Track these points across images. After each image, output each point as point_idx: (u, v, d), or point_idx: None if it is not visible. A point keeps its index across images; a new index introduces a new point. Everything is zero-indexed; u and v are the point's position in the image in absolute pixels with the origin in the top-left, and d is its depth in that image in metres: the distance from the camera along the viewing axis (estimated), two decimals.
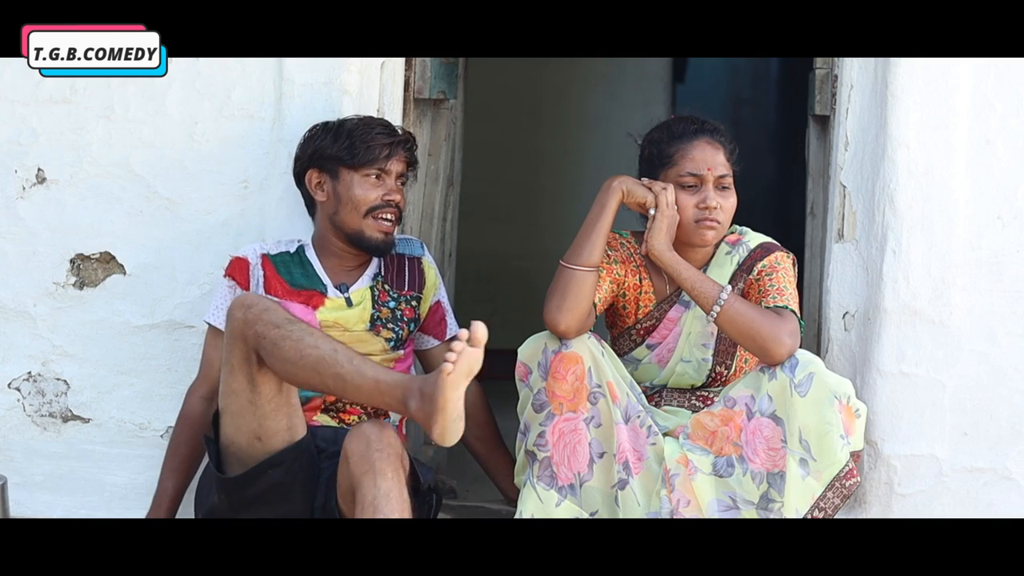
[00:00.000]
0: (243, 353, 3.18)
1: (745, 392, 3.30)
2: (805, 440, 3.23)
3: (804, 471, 3.24)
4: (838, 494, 3.25)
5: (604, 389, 3.32)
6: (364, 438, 3.11)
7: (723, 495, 3.28)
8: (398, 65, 3.78)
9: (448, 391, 3.00)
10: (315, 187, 3.50)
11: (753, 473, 3.26)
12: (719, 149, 3.41)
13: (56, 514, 3.74)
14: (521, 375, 3.38)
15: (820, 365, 3.27)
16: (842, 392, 3.24)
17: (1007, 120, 3.65)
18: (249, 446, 3.24)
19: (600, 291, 3.40)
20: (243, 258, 3.54)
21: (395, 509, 3.03)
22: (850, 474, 3.25)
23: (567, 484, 3.33)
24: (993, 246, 3.66)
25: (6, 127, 3.77)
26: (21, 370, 3.82)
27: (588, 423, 3.32)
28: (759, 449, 3.26)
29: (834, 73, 3.77)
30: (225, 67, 3.72)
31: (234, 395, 3.22)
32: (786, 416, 3.24)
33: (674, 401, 3.46)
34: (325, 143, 3.47)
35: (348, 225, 3.48)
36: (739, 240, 3.48)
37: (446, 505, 3.78)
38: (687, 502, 3.28)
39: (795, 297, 3.39)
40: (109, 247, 3.78)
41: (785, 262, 3.43)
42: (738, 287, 3.43)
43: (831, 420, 3.22)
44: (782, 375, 3.26)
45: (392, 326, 3.52)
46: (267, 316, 3.17)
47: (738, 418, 3.29)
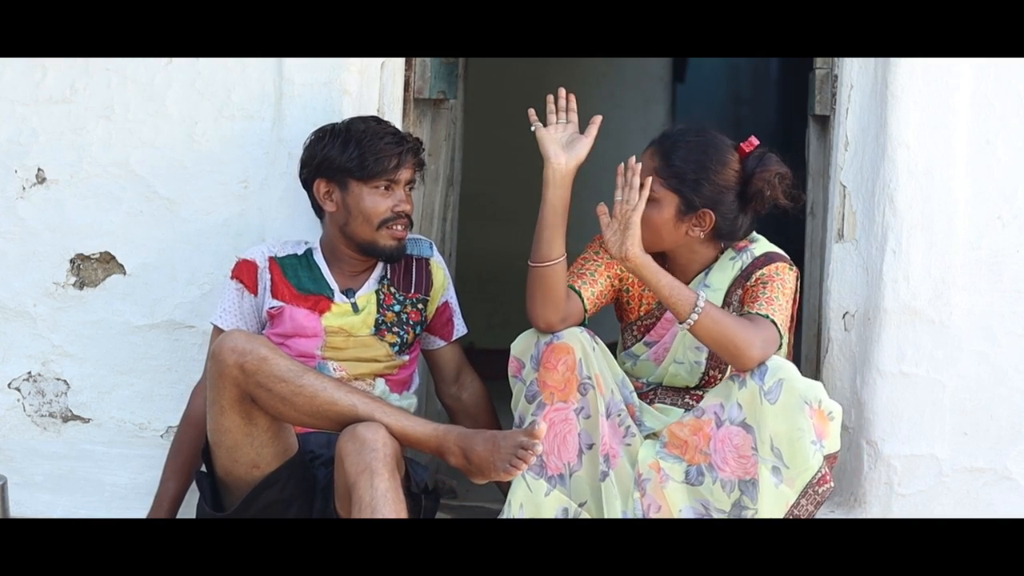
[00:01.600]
0: (235, 395, 3.15)
1: (714, 401, 3.30)
2: (777, 447, 3.22)
3: (777, 479, 3.23)
4: (811, 501, 3.24)
5: (592, 381, 3.33)
6: (358, 440, 3.09)
7: (695, 503, 3.28)
8: (398, 65, 3.78)
9: (503, 478, 3.14)
10: (324, 196, 3.47)
11: (723, 481, 3.25)
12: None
13: (56, 514, 3.74)
14: (514, 370, 3.39)
15: (790, 371, 3.25)
16: (812, 397, 3.22)
17: (1007, 120, 3.65)
18: (247, 475, 3.24)
19: (590, 288, 3.41)
20: (251, 261, 3.53)
21: (392, 510, 3.02)
22: (823, 480, 3.24)
23: (557, 474, 3.33)
24: (993, 246, 3.66)
25: (6, 127, 3.77)
26: (21, 370, 3.82)
27: (578, 414, 3.33)
28: (728, 457, 3.25)
29: (834, 73, 3.77)
30: (225, 67, 3.72)
31: (227, 432, 3.20)
32: (756, 424, 3.23)
33: (668, 400, 3.46)
34: (333, 153, 3.43)
35: (360, 236, 3.47)
36: (746, 247, 3.47)
37: (446, 505, 3.77)
38: (658, 507, 3.28)
39: (784, 310, 3.35)
40: (109, 247, 3.78)
41: (785, 274, 3.40)
42: (736, 293, 3.42)
43: (802, 426, 3.20)
44: (751, 383, 3.25)
45: (397, 330, 3.51)
46: (267, 368, 3.13)
47: (707, 427, 3.28)
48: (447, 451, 3.16)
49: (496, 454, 3.10)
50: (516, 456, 3.08)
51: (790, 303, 3.39)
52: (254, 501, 3.24)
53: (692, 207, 3.37)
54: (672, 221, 3.38)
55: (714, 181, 3.37)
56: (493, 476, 3.13)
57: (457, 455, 3.15)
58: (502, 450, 3.10)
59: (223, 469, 3.26)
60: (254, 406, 3.16)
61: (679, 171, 3.37)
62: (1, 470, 3.52)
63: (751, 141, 3.43)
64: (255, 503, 3.24)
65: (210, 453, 3.28)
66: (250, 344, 3.15)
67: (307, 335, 3.45)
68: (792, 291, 3.40)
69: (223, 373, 3.14)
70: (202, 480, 3.33)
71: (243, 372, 3.12)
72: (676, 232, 3.40)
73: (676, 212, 3.38)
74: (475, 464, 3.12)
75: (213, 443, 3.24)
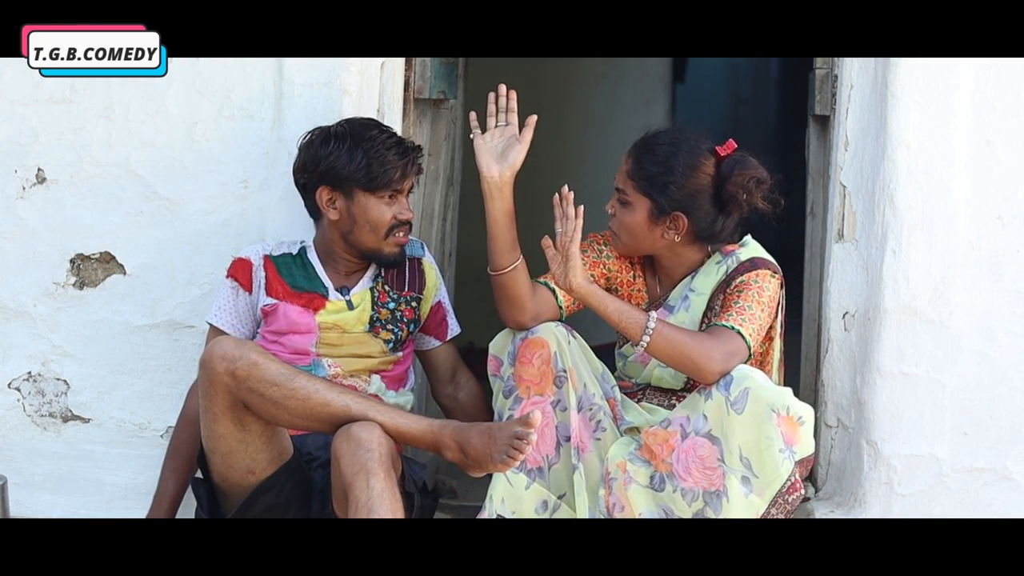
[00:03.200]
0: (228, 402, 3.15)
1: (681, 414, 3.31)
2: (746, 457, 3.21)
3: (747, 488, 3.22)
4: (781, 510, 3.23)
5: (567, 374, 3.34)
6: (353, 440, 3.09)
7: (657, 508, 3.28)
8: (398, 65, 3.78)
9: (500, 469, 3.14)
10: (327, 204, 3.47)
11: (683, 490, 3.25)
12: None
13: (56, 514, 3.74)
14: (492, 369, 3.42)
15: (757, 379, 3.23)
16: (780, 404, 3.20)
17: (1007, 120, 3.65)
18: (243, 480, 3.24)
19: None
20: (246, 259, 3.53)
21: (389, 509, 3.02)
22: (792, 488, 3.23)
23: (536, 467, 3.35)
24: (993, 246, 3.66)
25: (6, 127, 3.77)
26: (21, 370, 3.82)
27: (555, 406, 3.34)
28: (692, 468, 3.25)
29: (834, 73, 3.77)
30: (225, 67, 3.72)
31: (221, 439, 3.20)
32: (723, 435, 3.23)
33: (655, 400, 3.47)
34: (340, 161, 3.43)
35: (364, 244, 3.47)
36: (733, 251, 3.46)
37: (445, 505, 3.77)
38: (621, 507, 3.28)
39: (756, 319, 3.33)
40: (109, 247, 3.78)
41: (765, 281, 3.38)
42: (719, 298, 3.41)
43: (770, 435, 3.19)
44: (717, 394, 3.24)
45: (391, 327, 3.52)
46: (258, 373, 3.12)
47: (671, 439, 3.28)
48: (443, 446, 3.16)
49: (492, 446, 3.11)
50: (512, 447, 3.08)
51: (765, 311, 3.36)
52: (251, 507, 3.24)
53: (663, 211, 3.38)
54: (645, 224, 3.40)
55: (682, 184, 3.37)
56: (491, 468, 3.13)
57: (453, 449, 3.15)
58: (498, 441, 3.11)
59: (219, 475, 3.26)
60: (247, 412, 3.16)
61: (648, 174, 3.39)
62: (1, 470, 3.52)
63: (729, 144, 3.43)
64: (252, 508, 3.24)
65: (206, 460, 3.28)
66: (240, 350, 3.14)
67: (301, 331, 3.46)
68: (771, 298, 3.38)
69: (214, 380, 3.13)
70: (198, 487, 3.32)
71: (234, 378, 3.12)
72: (652, 235, 3.41)
73: (648, 215, 3.40)
74: (472, 457, 3.13)
75: (208, 450, 3.24)
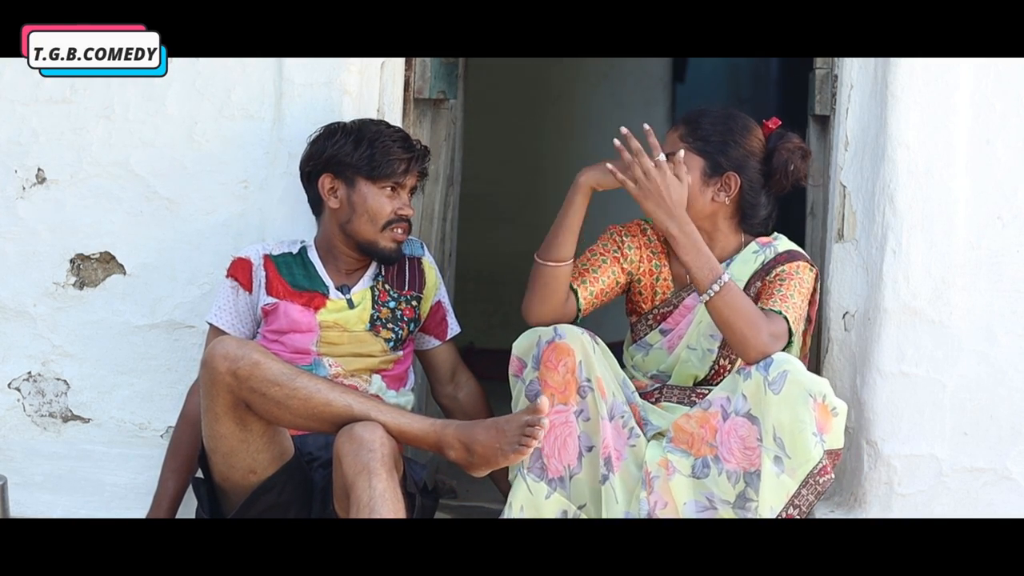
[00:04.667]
0: (229, 402, 3.15)
1: (721, 394, 3.31)
2: (779, 437, 3.23)
3: (779, 468, 3.23)
4: (812, 491, 3.25)
5: (593, 384, 3.33)
6: (356, 440, 3.08)
7: (700, 496, 3.28)
8: (398, 65, 3.78)
9: (512, 461, 3.14)
10: (328, 192, 3.48)
11: (728, 472, 3.26)
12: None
13: (56, 514, 3.74)
14: (515, 370, 3.39)
15: (796, 365, 3.26)
16: (817, 391, 3.23)
17: (1007, 120, 3.65)
18: (244, 480, 3.24)
19: (589, 287, 3.43)
20: (246, 259, 3.53)
21: (391, 510, 3.02)
22: (824, 471, 3.24)
23: (557, 477, 3.33)
24: (993, 246, 3.66)
25: (6, 127, 3.77)
26: (21, 370, 3.82)
27: (578, 416, 3.33)
28: (734, 448, 3.26)
29: (834, 73, 3.77)
30: (225, 67, 3.72)
31: (222, 439, 3.20)
32: (760, 414, 3.24)
33: (673, 398, 3.47)
34: (345, 149, 3.44)
35: (361, 235, 3.48)
36: (770, 243, 3.49)
37: (446, 505, 3.77)
38: (664, 504, 3.28)
39: (798, 308, 3.38)
40: (109, 247, 3.78)
41: (804, 273, 3.43)
42: (755, 286, 3.43)
43: (804, 418, 3.21)
44: (756, 374, 3.25)
45: (392, 326, 3.52)
46: (260, 373, 3.12)
47: (713, 419, 3.29)
48: (446, 445, 3.15)
49: (502, 438, 3.10)
50: (524, 435, 3.08)
51: (805, 302, 3.41)
52: (252, 506, 3.24)
53: (718, 169, 3.43)
54: (697, 184, 3.43)
55: (739, 143, 3.44)
56: (502, 462, 3.12)
57: (457, 449, 3.15)
58: (507, 433, 3.10)
59: (220, 475, 3.26)
60: (248, 412, 3.16)
61: (705, 134, 3.45)
62: (1, 470, 3.52)
63: (774, 120, 3.52)
64: (253, 508, 3.24)
65: (207, 459, 3.27)
66: (241, 350, 3.14)
67: (302, 330, 3.46)
68: (809, 291, 3.43)
69: (216, 380, 3.13)
70: (199, 487, 3.32)
71: (236, 378, 3.12)
72: (702, 198, 3.44)
73: (702, 175, 3.43)
74: (479, 455, 3.12)
75: (209, 450, 3.24)
